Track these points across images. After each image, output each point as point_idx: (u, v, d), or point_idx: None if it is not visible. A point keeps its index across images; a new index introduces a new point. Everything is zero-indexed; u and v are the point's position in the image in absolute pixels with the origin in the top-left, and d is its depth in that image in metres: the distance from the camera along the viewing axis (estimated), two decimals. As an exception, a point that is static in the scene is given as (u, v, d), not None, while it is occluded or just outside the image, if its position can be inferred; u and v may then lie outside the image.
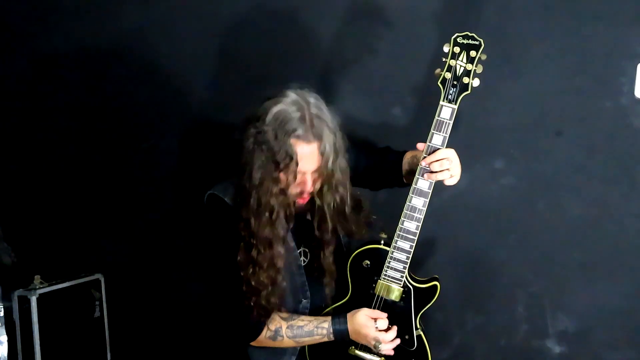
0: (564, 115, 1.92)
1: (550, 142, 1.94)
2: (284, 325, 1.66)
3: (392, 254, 1.63)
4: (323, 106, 1.57)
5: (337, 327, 1.65)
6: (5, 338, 1.56)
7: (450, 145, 1.57)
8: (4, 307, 1.57)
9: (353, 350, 1.71)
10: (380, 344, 1.61)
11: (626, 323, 1.96)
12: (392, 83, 2.06)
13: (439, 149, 1.54)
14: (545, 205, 1.98)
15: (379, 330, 1.63)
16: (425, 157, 1.55)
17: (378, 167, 1.79)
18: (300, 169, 1.54)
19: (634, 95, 1.83)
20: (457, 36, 1.50)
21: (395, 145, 1.84)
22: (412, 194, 1.58)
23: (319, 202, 1.65)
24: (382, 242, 1.67)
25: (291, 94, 1.56)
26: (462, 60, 1.51)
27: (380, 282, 1.66)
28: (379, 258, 1.66)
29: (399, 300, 1.66)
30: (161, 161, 2.45)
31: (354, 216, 1.70)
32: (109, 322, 2.55)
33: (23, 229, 2.67)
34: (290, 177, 1.54)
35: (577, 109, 1.90)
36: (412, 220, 1.59)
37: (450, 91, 1.52)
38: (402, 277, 1.64)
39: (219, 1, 2.23)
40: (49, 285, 2.37)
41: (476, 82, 1.52)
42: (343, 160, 1.62)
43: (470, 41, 1.49)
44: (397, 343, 1.66)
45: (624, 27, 1.81)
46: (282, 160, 1.51)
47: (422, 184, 1.57)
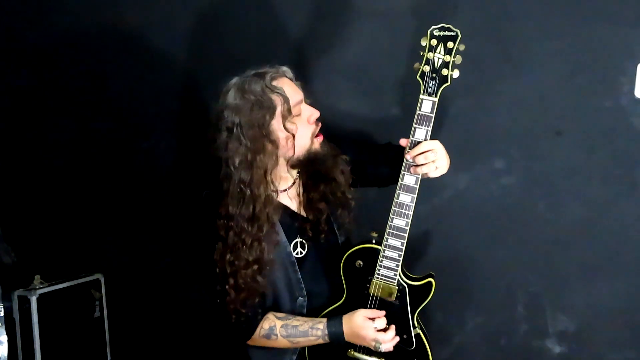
0: (564, 115, 1.92)
1: (550, 142, 1.94)
2: (278, 325, 1.65)
3: (383, 252, 1.61)
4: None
5: (332, 329, 1.62)
6: (5, 338, 1.55)
7: (450, 145, 1.57)
8: (4, 307, 1.57)
9: (352, 352, 1.70)
10: (380, 344, 1.60)
11: (626, 323, 1.96)
12: (392, 83, 2.06)
13: (421, 142, 1.52)
14: (545, 206, 1.98)
15: (377, 330, 1.61)
16: (409, 152, 1.53)
17: (379, 162, 1.77)
18: (296, 101, 1.58)
19: (634, 95, 1.83)
20: (434, 29, 1.50)
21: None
22: (400, 190, 1.56)
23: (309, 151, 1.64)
24: (374, 241, 1.66)
25: (230, 81, 1.61)
26: (439, 53, 1.50)
27: (374, 281, 1.65)
28: (371, 257, 1.64)
29: (394, 299, 1.64)
30: (161, 161, 2.45)
31: (335, 165, 1.69)
32: (109, 322, 2.55)
33: (23, 229, 2.67)
34: (290, 123, 1.56)
35: (577, 109, 1.90)
36: (401, 217, 1.57)
37: (430, 84, 1.51)
38: (395, 275, 1.62)
39: (219, 1, 2.24)
40: (49, 285, 2.37)
41: (456, 74, 1.50)
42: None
43: (446, 32, 1.49)
44: (396, 341, 1.64)
45: (624, 27, 1.81)
46: (273, 108, 1.54)
47: (408, 179, 1.55)
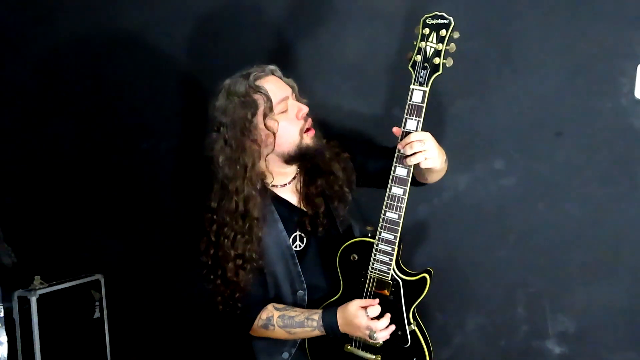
0: (564, 115, 1.92)
1: (550, 142, 1.94)
2: (276, 315, 1.68)
3: (377, 245, 1.61)
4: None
5: (327, 320, 1.64)
6: (5, 338, 1.56)
7: (450, 145, 1.57)
8: (4, 308, 1.57)
9: (348, 347, 1.71)
10: (374, 332, 1.59)
11: (626, 323, 1.96)
12: (391, 83, 2.06)
13: (412, 133, 1.52)
14: (545, 206, 1.98)
15: (371, 319, 1.60)
16: (400, 143, 1.53)
17: (380, 160, 1.78)
18: (280, 98, 1.60)
19: (634, 95, 1.83)
20: (426, 17, 1.48)
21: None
22: (392, 182, 1.56)
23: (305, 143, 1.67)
24: (369, 235, 1.66)
25: (223, 82, 1.66)
26: (432, 41, 1.48)
27: (368, 275, 1.65)
28: (366, 251, 1.64)
29: (388, 294, 1.64)
30: (161, 161, 2.45)
31: (334, 159, 1.72)
32: (109, 322, 2.55)
33: (23, 229, 2.67)
34: (272, 120, 1.59)
35: (577, 109, 1.90)
36: (394, 210, 1.56)
37: (421, 74, 1.49)
38: (389, 269, 1.61)
39: (219, 2, 2.24)
40: (49, 286, 2.37)
41: (450, 62, 1.48)
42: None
43: (439, 20, 1.47)
44: (392, 329, 1.63)
45: (624, 27, 1.81)
46: (255, 108, 1.58)
47: (400, 171, 1.54)
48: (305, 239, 1.74)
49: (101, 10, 2.39)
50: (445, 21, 1.47)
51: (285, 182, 1.74)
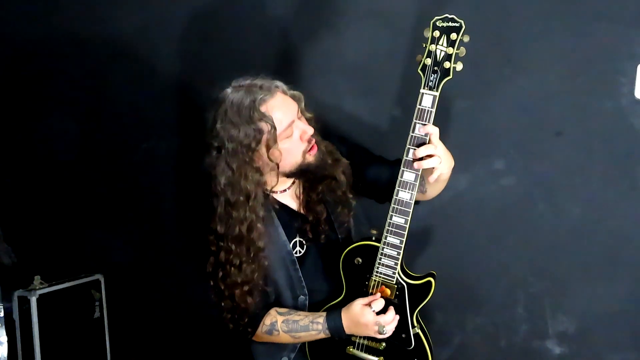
0: (564, 115, 1.92)
1: (550, 142, 1.94)
2: (280, 320, 1.67)
3: (382, 250, 1.60)
4: (246, 76, 1.61)
5: (332, 323, 1.63)
6: (5, 338, 1.56)
7: (450, 145, 1.57)
8: (4, 308, 1.57)
9: (350, 350, 1.70)
10: (383, 327, 1.58)
11: (626, 324, 1.96)
12: (392, 83, 2.06)
13: (422, 137, 1.50)
14: (545, 206, 1.98)
15: (377, 314, 1.60)
16: (409, 148, 1.51)
17: (379, 169, 1.76)
18: (286, 125, 1.56)
19: (633, 95, 1.83)
20: (437, 19, 1.44)
21: (395, 147, 1.83)
22: (399, 187, 1.54)
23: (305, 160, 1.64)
24: (373, 239, 1.65)
25: (225, 90, 1.60)
26: (442, 45, 1.44)
27: (373, 279, 1.64)
28: (370, 255, 1.63)
29: (393, 298, 1.63)
30: (161, 161, 2.45)
31: (335, 165, 1.69)
32: (109, 322, 2.55)
33: (23, 229, 2.67)
34: (275, 151, 1.55)
35: (577, 109, 1.90)
36: (400, 215, 1.55)
37: (431, 78, 1.46)
38: (394, 273, 1.61)
39: (219, 2, 2.24)
40: (49, 286, 2.37)
41: (459, 66, 1.45)
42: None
43: (450, 23, 1.43)
44: (397, 319, 1.62)
45: (624, 27, 1.81)
46: (259, 137, 1.53)
47: (407, 176, 1.53)
48: (305, 245, 1.73)
49: (102, 10, 2.39)
50: (456, 24, 1.43)
51: (284, 188, 1.72)
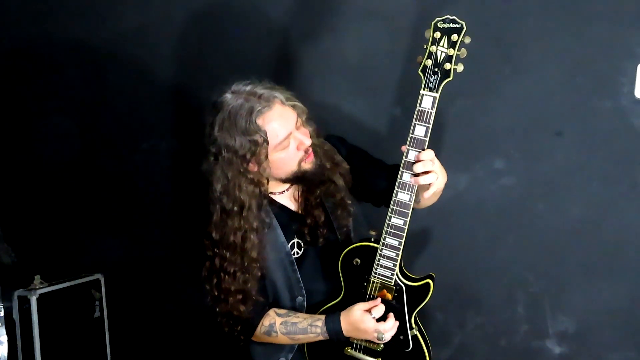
0: (564, 115, 1.92)
1: (550, 142, 1.94)
2: (278, 322, 1.67)
3: (381, 251, 1.60)
4: (247, 81, 1.59)
5: (331, 326, 1.63)
6: (5, 338, 1.55)
7: (450, 145, 1.57)
8: (4, 307, 1.57)
9: (348, 350, 1.70)
10: (383, 334, 1.58)
11: (626, 323, 1.96)
12: (392, 83, 2.06)
13: (422, 139, 1.49)
14: (545, 206, 1.98)
15: (377, 320, 1.59)
16: (409, 150, 1.50)
17: (378, 174, 1.75)
18: (282, 137, 1.54)
19: (634, 95, 1.83)
20: (437, 20, 1.43)
21: (395, 147, 1.82)
22: (398, 188, 1.53)
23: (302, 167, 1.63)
24: (372, 239, 1.64)
25: (225, 96, 1.58)
26: (443, 46, 1.43)
27: (371, 280, 1.63)
28: (369, 256, 1.62)
29: (391, 299, 1.62)
30: (161, 161, 2.45)
31: (333, 169, 1.69)
32: (109, 322, 2.55)
33: (23, 229, 2.67)
34: (267, 164, 1.56)
35: (577, 109, 1.90)
36: (399, 216, 1.55)
37: (431, 79, 1.45)
38: (392, 274, 1.60)
39: (218, 2, 2.24)
40: (49, 285, 2.37)
41: (460, 68, 1.44)
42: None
43: (451, 25, 1.42)
44: (396, 325, 1.62)
45: (624, 27, 1.81)
46: (254, 149, 1.53)
47: (407, 177, 1.52)
48: (302, 246, 1.73)
49: (103, 10, 2.39)
50: (457, 25, 1.42)
51: (283, 190, 1.72)
